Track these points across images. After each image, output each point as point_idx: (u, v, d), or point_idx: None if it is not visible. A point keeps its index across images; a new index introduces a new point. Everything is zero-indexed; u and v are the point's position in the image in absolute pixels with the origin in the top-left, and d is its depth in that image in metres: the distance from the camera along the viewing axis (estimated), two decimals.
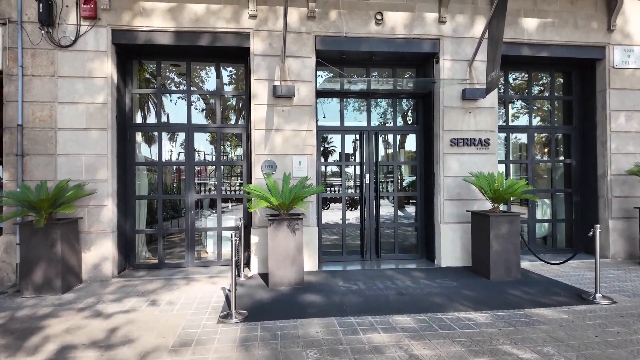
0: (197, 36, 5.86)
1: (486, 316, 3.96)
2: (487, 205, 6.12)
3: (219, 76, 6.55)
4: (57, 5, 5.49)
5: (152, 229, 6.56)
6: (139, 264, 6.31)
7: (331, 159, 17.01)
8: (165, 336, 3.48)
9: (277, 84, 5.94)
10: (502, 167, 6.91)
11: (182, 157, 6.35)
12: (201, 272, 5.94)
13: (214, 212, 6.87)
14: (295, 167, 6.01)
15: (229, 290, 4.88)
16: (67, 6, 5.51)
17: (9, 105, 5.43)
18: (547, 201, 7.41)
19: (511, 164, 7.17)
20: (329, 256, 6.72)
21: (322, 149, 8.77)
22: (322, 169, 7.38)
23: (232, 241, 4.01)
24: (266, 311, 4.13)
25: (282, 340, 3.37)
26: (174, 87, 7.09)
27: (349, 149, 9.73)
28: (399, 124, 7.11)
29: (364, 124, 6.89)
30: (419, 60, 6.71)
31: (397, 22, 6.20)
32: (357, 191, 6.97)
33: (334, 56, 6.40)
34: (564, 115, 7.37)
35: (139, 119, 6.71)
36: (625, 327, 3.65)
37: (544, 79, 7.52)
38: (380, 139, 6.92)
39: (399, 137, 7.23)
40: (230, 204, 11.23)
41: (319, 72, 6.60)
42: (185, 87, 6.53)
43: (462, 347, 3.20)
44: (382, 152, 7.23)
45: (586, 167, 7.02)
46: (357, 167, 6.90)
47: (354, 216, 9.82)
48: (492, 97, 6.26)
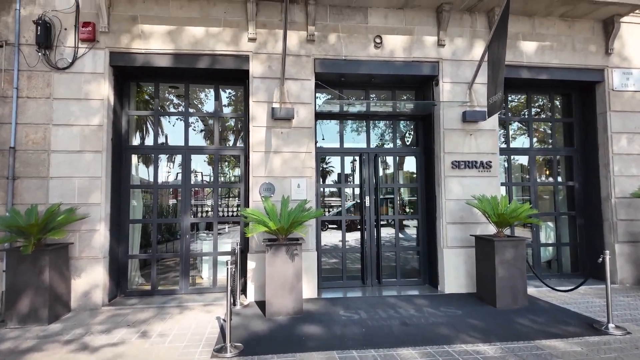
0: (195, 58, 5.83)
1: (495, 349, 3.75)
2: (491, 229, 5.97)
3: (217, 98, 6.50)
4: (55, 28, 5.46)
5: (145, 254, 6.35)
6: (131, 290, 6.07)
7: (329, 179, 16.92)
8: None
9: (276, 106, 5.88)
10: (503, 190, 6.80)
11: (180, 177, 6.19)
12: (196, 299, 5.71)
13: (211, 234, 6.68)
14: (294, 190, 5.87)
15: (224, 320, 4.65)
16: (65, 29, 5.49)
17: (2, 127, 5.32)
18: (550, 224, 7.27)
19: (513, 186, 7.05)
20: (328, 281, 6.50)
21: (320, 169, 8.69)
22: (322, 189, 7.26)
23: (227, 269, 3.82)
24: (263, 344, 3.90)
25: None
26: (172, 109, 7.02)
27: (348, 170, 9.65)
28: (398, 146, 7.04)
29: (364, 145, 6.81)
30: (419, 82, 6.69)
31: (396, 45, 6.21)
32: (357, 213, 6.81)
33: (333, 78, 6.38)
34: (565, 137, 7.32)
35: (135, 141, 6.60)
36: None
37: (544, 101, 7.51)
38: (379, 161, 6.83)
39: (398, 158, 7.14)
40: (227, 226, 11.03)
41: (318, 94, 6.56)
42: (183, 109, 6.46)
43: None
44: (381, 172, 7.13)
45: (589, 190, 6.92)
46: (357, 189, 6.78)
47: (353, 238, 9.63)
48: (493, 119, 6.22)
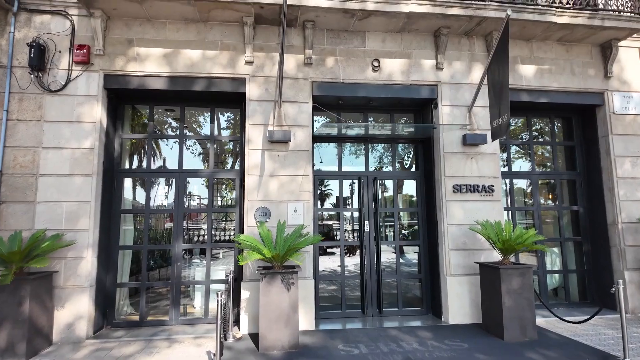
0: (191, 81, 5.76)
1: None
2: (495, 255, 5.75)
3: (213, 121, 6.39)
4: (49, 50, 5.40)
5: (134, 283, 6.06)
6: (119, 321, 5.75)
7: (328, 202, 16.72)
8: None
9: (272, 128, 5.76)
10: (506, 214, 6.62)
11: (173, 202, 5.99)
12: (186, 331, 5.40)
13: (205, 259, 6.42)
14: (290, 215, 5.67)
15: (214, 354, 4.35)
16: (59, 51, 5.43)
17: None
18: (555, 250, 7.04)
19: (516, 210, 6.87)
20: (326, 311, 6.20)
21: (318, 192, 8.51)
22: (320, 213, 7.06)
23: (217, 302, 3.58)
24: None
25: None
26: (167, 131, 6.90)
27: (347, 192, 9.46)
28: (398, 169, 6.89)
29: (362, 168, 6.67)
30: (417, 105, 6.62)
31: (394, 69, 6.17)
32: (356, 238, 6.59)
33: (331, 101, 6.30)
34: (567, 160, 7.20)
35: (128, 164, 6.44)
36: None
37: (544, 124, 7.44)
38: (378, 184, 6.66)
39: (398, 182, 6.99)
40: (222, 251, 10.71)
41: (315, 117, 6.47)
42: (178, 132, 6.34)
43: None
44: (380, 194, 6.94)
45: (594, 215, 6.74)
46: (356, 213, 6.58)
47: (352, 262, 9.34)
48: (494, 143, 6.10)
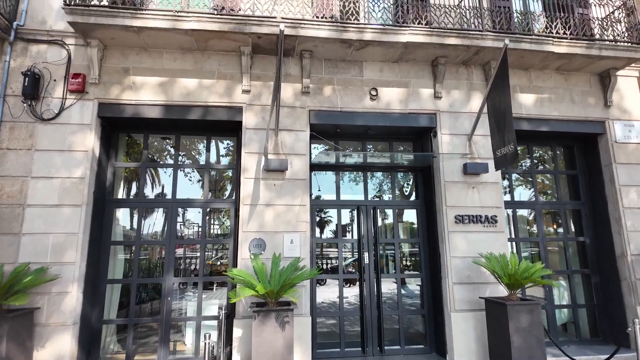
0: (187, 110, 5.69)
1: None
2: (501, 289, 5.49)
3: (208, 149, 6.28)
4: (44, 79, 5.35)
5: (122, 319, 5.75)
6: None
7: (327, 229, 16.40)
8: None
9: (269, 157, 5.63)
10: (510, 245, 6.38)
11: (166, 232, 5.78)
12: None
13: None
14: (286, 246, 5.46)
15: None
16: (54, 80, 5.38)
17: None
18: (563, 283, 6.75)
19: (521, 241, 6.64)
20: (324, 349, 5.85)
21: (317, 219, 8.29)
22: (319, 237, 6.83)
23: (205, 345, 3.32)
24: None
25: None
26: (161, 160, 6.78)
27: (346, 219, 9.22)
28: (398, 198, 6.73)
29: (361, 197, 6.51)
30: (416, 134, 6.54)
31: (392, 98, 6.12)
32: (356, 269, 6.33)
33: (329, 130, 6.22)
34: (570, 189, 7.04)
35: (120, 194, 6.27)
36: None
37: (546, 152, 7.33)
38: (378, 213, 6.48)
39: (398, 211, 6.80)
40: (214, 286, 10.30)
41: (313, 145, 6.36)
42: (172, 160, 6.22)
43: None
44: (380, 221, 6.72)
45: (602, 246, 6.50)
46: (356, 243, 6.36)
47: (352, 293, 8.98)
48: (496, 172, 5.96)
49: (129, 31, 5.22)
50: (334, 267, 10.78)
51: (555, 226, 7.20)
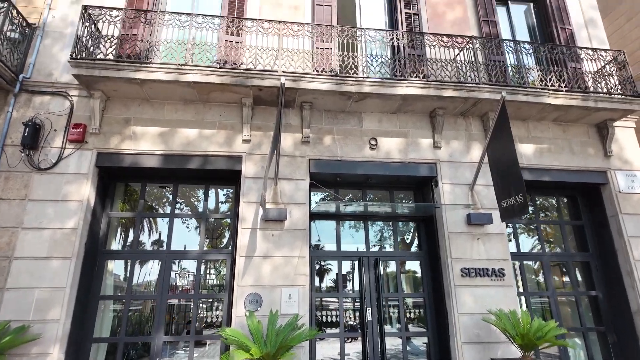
0: (186, 159, 5.65)
1: None
2: (513, 349, 5.12)
3: (206, 198, 6.18)
4: (45, 129, 5.37)
5: None
6: None
7: (327, 278, 15.91)
8: None
9: (268, 206, 5.51)
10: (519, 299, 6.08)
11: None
12: None
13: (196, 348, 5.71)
14: (284, 302, 5.17)
15: None
16: (55, 130, 5.39)
17: None
18: (578, 341, 6.34)
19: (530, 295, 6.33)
20: None
21: (317, 267, 7.98)
22: (318, 287, 6.50)
23: None
24: None
25: None
26: (158, 207, 6.64)
27: (347, 268, 8.87)
28: (400, 248, 6.52)
29: (362, 247, 6.31)
30: (417, 183, 6.48)
31: (391, 147, 6.13)
32: (358, 324, 5.97)
33: (329, 179, 6.15)
34: (577, 240, 6.84)
35: (114, 244, 6.06)
36: None
37: (550, 202, 7.22)
38: (381, 265, 6.23)
39: (401, 262, 6.56)
40: (208, 343, 9.71)
41: (313, 194, 6.27)
42: (169, 208, 6.09)
43: None
44: (382, 270, 6.42)
45: (616, 301, 6.18)
46: (357, 296, 6.05)
47: (354, 350, 8.43)
48: (500, 223, 5.80)
49: (132, 83, 5.32)
50: (334, 320, 10.26)
51: (564, 279, 6.91)
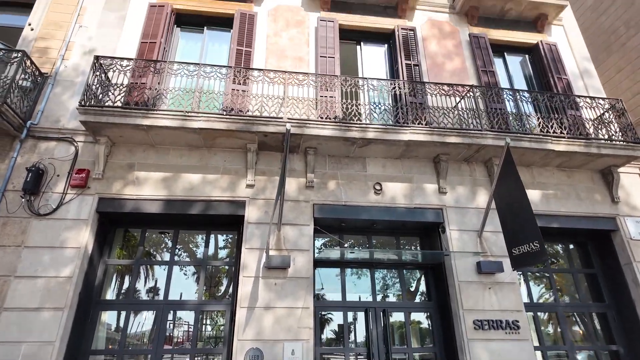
0: (189, 204, 5.57)
1: None
2: None
3: (207, 244, 6.02)
4: (48, 174, 5.33)
5: None
6: None
7: (330, 328, 15.21)
8: None
9: (271, 253, 5.33)
10: (539, 355, 5.71)
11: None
12: None
13: None
14: (287, 358, 4.85)
15: None
16: (57, 175, 5.35)
17: None
18: None
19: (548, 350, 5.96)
20: None
21: (319, 316, 7.58)
22: (322, 338, 6.10)
23: None
24: None
25: None
26: (157, 253, 6.44)
27: (350, 318, 8.43)
28: (407, 298, 6.23)
29: (368, 296, 6.05)
30: (423, 229, 6.35)
31: (396, 192, 6.07)
32: None
33: (333, 224, 6.03)
34: (591, 289, 6.57)
35: (111, 292, 5.80)
36: None
37: (557, 248, 7.04)
38: (388, 316, 5.93)
39: (409, 313, 6.24)
40: None
41: (317, 239, 6.11)
42: (168, 254, 5.90)
43: None
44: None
45: (638, 357, 5.81)
46: (363, 350, 5.69)
47: None
48: (512, 271, 5.60)
49: (138, 129, 5.37)
50: None
51: (581, 331, 6.55)
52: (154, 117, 5.33)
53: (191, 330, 5.47)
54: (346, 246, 6.26)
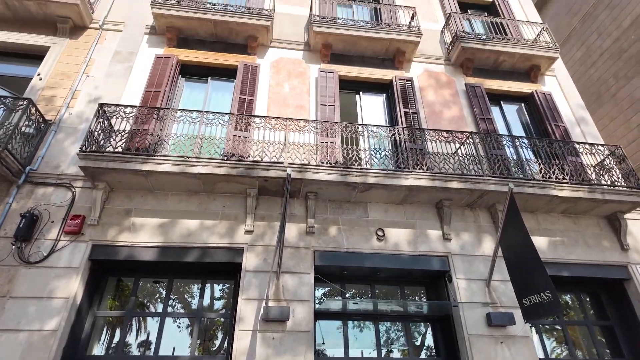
0: (185, 252, 5.39)
1: None
2: None
3: (202, 295, 5.73)
4: (42, 220, 5.20)
5: None
6: None
7: None
8: None
9: (269, 304, 5.05)
10: None
11: None
12: None
13: None
14: None
15: None
16: (52, 221, 5.23)
17: None
18: None
19: None
20: None
21: None
22: None
23: None
24: None
25: None
26: (150, 303, 6.10)
27: None
28: (414, 354, 5.82)
29: (372, 351, 5.64)
30: (429, 277, 6.09)
31: (400, 239, 5.90)
32: None
33: (335, 272, 5.81)
34: (609, 342, 6.17)
35: (97, 347, 5.41)
36: None
37: (567, 298, 6.71)
38: None
39: None
40: None
41: (317, 289, 5.84)
42: (161, 305, 5.59)
43: None
44: None
45: None
46: None
47: None
48: (523, 324, 5.28)
49: (138, 175, 5.33)
50: None
51: None
52: (154, 163, 5.31)
53: None
54: (348, 296, 5.97)
